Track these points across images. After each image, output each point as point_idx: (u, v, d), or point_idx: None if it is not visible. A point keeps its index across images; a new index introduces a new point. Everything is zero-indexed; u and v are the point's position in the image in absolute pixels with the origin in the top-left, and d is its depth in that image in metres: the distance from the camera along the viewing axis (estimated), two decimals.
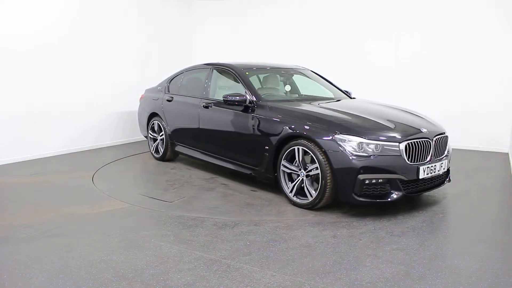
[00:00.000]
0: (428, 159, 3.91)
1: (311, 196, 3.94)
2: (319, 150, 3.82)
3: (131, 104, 7.84)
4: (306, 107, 4.44)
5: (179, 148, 5.90)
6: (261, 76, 5.48)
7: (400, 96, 7.33)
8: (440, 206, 4.17)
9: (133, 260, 2.95)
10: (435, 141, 4.00)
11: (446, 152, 4.19)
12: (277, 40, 8.47)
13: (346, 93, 5.46)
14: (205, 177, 5.38)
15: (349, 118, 4.07)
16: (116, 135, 7.65)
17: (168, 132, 5.99)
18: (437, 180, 4.15)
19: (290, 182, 4.17)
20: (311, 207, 3.99)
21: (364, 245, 3.23)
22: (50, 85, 6.40)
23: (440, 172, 4.05)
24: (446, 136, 4.25)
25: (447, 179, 4.33)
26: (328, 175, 3.78)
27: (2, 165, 5.82)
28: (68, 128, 6.73)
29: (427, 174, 3.88)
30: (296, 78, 5.68)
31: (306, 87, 5.66)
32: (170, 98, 5.99)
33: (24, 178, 5.22)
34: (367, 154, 3.66)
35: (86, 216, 3.86)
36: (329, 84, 5.59)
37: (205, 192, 4.71)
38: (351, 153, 3.67)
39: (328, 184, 3.79)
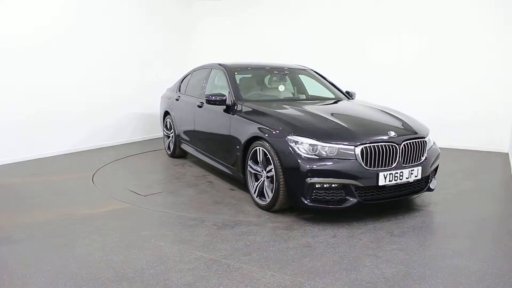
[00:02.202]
0: (393, 165, 3.65)
1: (269, 197, 3.90)
2: (274, 151, 3.76)
3: (131, 103, 7.85)
4: (278, 108, 4.32)
5: (183, 146, 6.06)
6: (255, 76, 5.51)
7: (400, 96, 7.34)
8: (440, 206, 4.17)
9: (133, 260, 2.95)
10: (403, 146, 3.70)
11: (423, 158, 3.85)
12: (277, 39, 8.46)
13: (347, 94, 5.38)
14: (199, 174, 5.47)
15: (312, 120, 3.93)
16: (117, 135, 7.64)
17: (176, 130, 6.16)
18: (411, 188, 3.84)
19: (256, 182, 4.13)
20: (268, 209, 3.95)
21: (364, 245, 3.23)
22: (50, 85, 6.40)
23: (410, 180, 3.72)
24: (423, 142, 3.89)
25: (426, 187, 4.00)
26: (281, 177, 3.68)
27: (2, 165, 5.82)
28: (69, 128, 6.72)
29: (390, 181, 3.60)
30: (295, 78, 5.67)
31: (305, 87, 5.66)
32: (178, 97, 6.20)
33: (24, 178, 5.23)
34: (318, 157, 3.52)
35: (86, 216, 3.86)
36: (329, 84, 5.56)
37: (185, 188, 4.83)
38: (302, 155, 3.55)
39: (281, 186, 3.69)
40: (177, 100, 6.18)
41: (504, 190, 4.79)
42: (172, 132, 6.33)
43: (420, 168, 3.79)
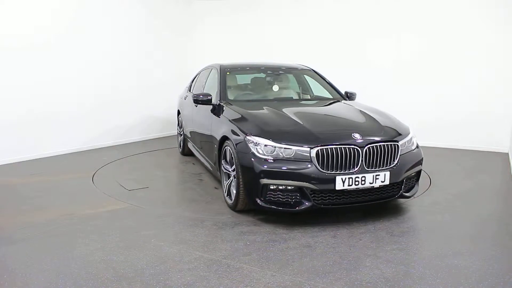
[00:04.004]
0: (355, 169, 3.50)
1: (234, 197, 3.91)
2: (235, 151, 3.77)
3: (130, 104, 7.84)
4: (255, 109, 4.31)
5: (189, 144, 6.18)
6: (250, 76, 5.54)
7: (400, 96, 7.35)
8: (440, 206, 4.17)
9: (133, 260, 2.95)
10: (367, 149, 3.54)
11: (393, 163, 3.64)
12: (277, 39, 8.46)
13: (346, 94, 5.26)
14: (196, 172, 5.56)
15: (278, 121, 3.88)
16: (117, 134, 7.63)
17: (184, 128, 6.32)
18: (378, 194, 3.66)
19: (227, 181, 4.14)
20: (233, 208, 3.96)
21: (364, 245, 3.23)
22: (50, 85, 6.40)
23: (375, 185, 3.55)
24: (395, 145, 3.67)
25: (399, 194, 3.77)
26: (240, 177, 3.68)
27: (2, 165, 5.82)
28: (68, 128, 6.72)
29: (349, 185, 3.46)
30: (294, 78, 5.65)
31: (305, 87, 5.64)
32: (185, 96, 6.37)
33: (24, 178, 5.23)
34: (272, 158, 3.49)
35: (86, 216, 3.86)
36: (327, 84, 5.46)
37: (173, 185, 5.04)
38: (258, 156, 3.53)
39: (241, 186, 3.69)
40: (184, 99, 6.36)
41: (504, 190, 4.79)
42: (182, 131, 6.51)
43: (388, 173, 3.58)
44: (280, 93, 5.31)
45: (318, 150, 3.46)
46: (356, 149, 3.52)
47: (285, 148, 3.50)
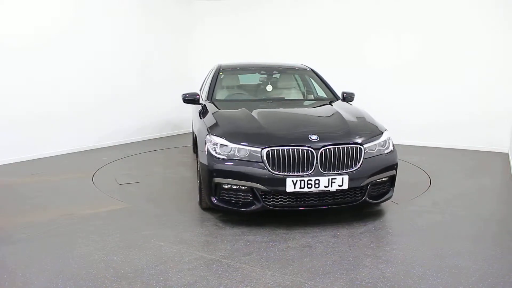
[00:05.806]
0: (310, 171, 3.41)
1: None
2: (197, 150, 3.87)
3: (130, 103, 7.84)
4: (230, 108, 4.34)
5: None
6: (245, 76, 5.58)
7: (400, 96, 7.35)
8: (440, 206, 4.17)
9: (133, 260, 2.95)
10: (323, 151, 3.42)
11: (354, 167, 3.48)
12: (277, 39, 8.46)
13: (343, 95, 5.08)
14: (195, 170, 5.57)
15: (240, 121, 3.86)
16: (118, 134, 7.63)
17: (193, 127, 6.39)
18: (338, 199, 3.51)
19: None
20: (200, 206, 4.02)
21: (364, 245, 3.23)
22: (50, 85, 6.40)
23: (332, 189, 3.41)
24: (358, 148, 3.53)
25: (362, 200, 3.58)
26: (200, 175, 3.76)
27: (2, 165, 5.82)
28: (69, 128, 6.72)
29: (301, 188, 3.37)
30: (291, 78, 5.65)
31: (302, 87, 5.64)
32: None
33: (24, 178, 5.23)
34: (228, 158, 3.49)
35: (86, 216, 3.86)
36: (324, 84, 5.36)
37: (165, 182, 5.18)
38: (213, 155, 3.55)
39: (202, 184, 3.76)
40: None
41: (504, 190, 4.79)
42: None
43: (346, 177, 3.43)
44: (273, 93, 5.29)
45: (268, 150, 3.43)
46: (311, 151, 3.43)
47: (239, 148, 3.51)
